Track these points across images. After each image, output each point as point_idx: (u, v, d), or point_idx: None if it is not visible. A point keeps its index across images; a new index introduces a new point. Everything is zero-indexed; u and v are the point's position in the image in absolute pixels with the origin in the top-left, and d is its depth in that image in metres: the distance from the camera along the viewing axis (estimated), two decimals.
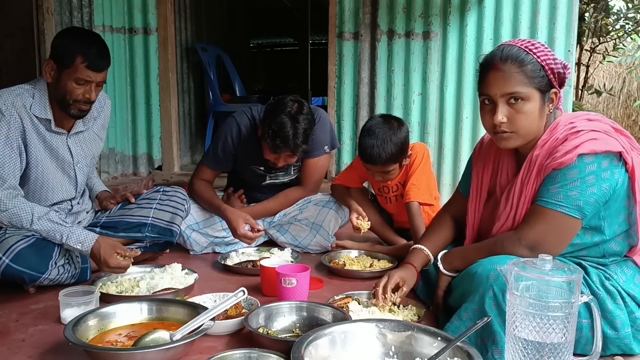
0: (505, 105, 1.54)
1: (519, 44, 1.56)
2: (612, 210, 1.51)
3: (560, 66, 1.54)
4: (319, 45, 8.25)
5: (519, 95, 1.52)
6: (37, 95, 2.02)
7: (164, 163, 4.26)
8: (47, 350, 1.55)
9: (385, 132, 2.33)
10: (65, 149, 2.13)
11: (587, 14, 5.44)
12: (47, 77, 2.00)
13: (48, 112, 2.04)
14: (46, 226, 1.94)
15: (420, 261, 1.83)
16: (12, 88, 2.01)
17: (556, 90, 1.57)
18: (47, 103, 2.04)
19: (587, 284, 1.49)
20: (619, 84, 7.75)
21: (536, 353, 1.20)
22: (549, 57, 1.53)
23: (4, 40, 3.52)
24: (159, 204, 2.34)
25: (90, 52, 1.97)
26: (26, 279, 1.89)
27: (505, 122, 1.54)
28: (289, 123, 2.28)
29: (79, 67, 1.96)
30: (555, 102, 1.58)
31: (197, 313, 1.55)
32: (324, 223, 2.59)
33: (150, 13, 4.08)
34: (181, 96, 4.64)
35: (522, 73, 1.51)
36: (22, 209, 1.93)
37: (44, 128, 2.04)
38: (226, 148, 2.55)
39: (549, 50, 1.56)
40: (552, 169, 1.50)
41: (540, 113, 1.55)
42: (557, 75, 1.54)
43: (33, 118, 2.00)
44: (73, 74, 1.96)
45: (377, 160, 2.35)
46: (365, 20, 3.75)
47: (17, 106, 1.96)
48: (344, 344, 1.39)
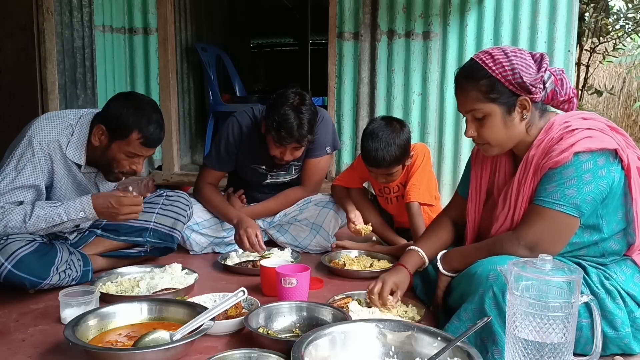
0: (472, 120, 1.62)
1: (481, 56, 1.58)
2: (609, 208, 1.52)
3: (521, 75, 1.52)
4: (319, 45, 8.24)
5: (478, 112, 1.57)
6: (76, 134, 1.98)
7: (164, 163, 4.25)
8: (47, 350, 1.55)
9: (388, 135, 2.33)
10: (92, 185, 2.14)
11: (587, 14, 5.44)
12: (95, 140, 1.96)
13: (82, 159, 2.01)
14: (42, 213, 1.89)
15: (413, 263, 1.82)
16: (56, 122, 1.96)
17: (525, 97, 1.55)
18: (84, 148, 2.00)
19: (586, 284, 1.50)
20: (619, 84, 7.75)
21: (536, 353, 1.20)
22: (506, 68, 1.52)
23: (4, 40, 3.51)
24: (161, 209, 2.34)
25: (149, 130, 1.93)
26: (27, 285, 1.89)
27: (475, 135, 1.62)
28: (292, 114, 2.28)
29: (134, 143, 1.93)
30: (529, 108, 1.57)
31: (197, 313, 1.55)
32: (324, 223, 2.59)
33: (150, 13, 4.08)
34: (181, 96, 4.64)
35: (477, 90, 1.56)
36: (13, 212, 1.90)
37: (75, 168, 2.03)
38: (228, 147, 2.55)
39: (515, 56, 1.54)
40: (548, 168, 1.50)
41: (506, 124, 1.57)
42: (518, 85, 1.53)
43: (66, 158, 1.98)
44: (126, 146, 1.94)
45: (381, 164, 2.35)
46: (365, 20, 3.74)
47: (51, 147, 1.93)
48: (344, 344, 1.39)
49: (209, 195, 2.58)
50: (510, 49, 1.57)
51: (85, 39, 3.76)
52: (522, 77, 1.52)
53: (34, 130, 1.94)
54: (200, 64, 4.81)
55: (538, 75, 1.54)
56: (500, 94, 1.54)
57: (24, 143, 1.93)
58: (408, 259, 1.83)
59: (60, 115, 2.02)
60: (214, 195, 2.59)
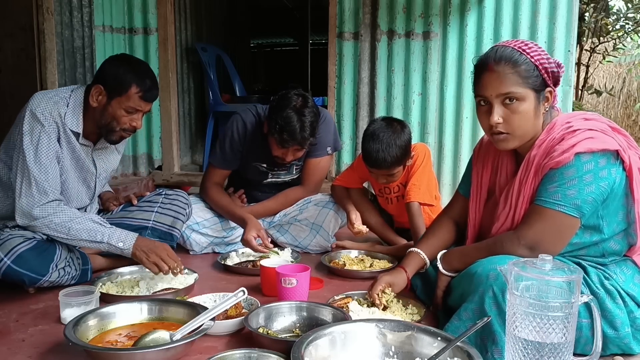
0: (500, 105, 1.55)
1: (513, 45, 1.57)
2: (610, 209, 1.52)
3: (554, 65, 1.56)
4: (319, 45, 8.24)
5: (514, 96, 1.53)
6: (71, 105, 2.01)
7: (164, 163, 4.25)
8: (47, 350, 1.55)
9: (389, 136, 2.33)
10: (90, 161, 2.14)
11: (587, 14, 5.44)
12: (92, 101, 1.99)
13: (80, 126, 2.03)
14: (87, 225, 1.94)
15: (414, 265, 1.83)
16: (51, 94, 2.01)
17: (551, 89, 1.57)
18: (81, 116, 2.03)
19: (586, 284, 1.49)
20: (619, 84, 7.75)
21: (536, 353, 1.20)
22: (542, 56, 1.55)
23: (4, 40, 3.51)
24: (160, 208, 2.34)
25: (145, 83, 1.98)
26: (26, 281, 1.89)
27: (502, 122, 1.55)
28: (295, 117, 2.28)
29: (133, 97, 1.97)
30: (550, 101, 1.59)
31: (197, 313, 1.55)
32: (324, 223, 2.59)
33: (150, 13, 4.08)
34: (181, 96, 4.64)
35: (516, 73, 1.52)
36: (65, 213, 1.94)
37: (74, 139, 2.04)
38: (233, 145, 2.55)
39: (542, 50, 1.58)
40: (549, 169, 1.50)
41: (536, 112, 1.56)
42: (551, 75, 1.55)
43: (66, 128, 2.00)
44: (125, 102, 1.97)
45: (382, 165, 2.35)
46: (365, 20, 3.74)
47: (54, 115, 1.96)
48: (344, 344, 1.39)
49: (216, 196, 2.59)
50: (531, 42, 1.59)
51: (85, 39, 3.76)
52: (556, 67, 1.55)
53: (32, 104, 1.96)
54: (200, 64, 4.81)
55: (562, 69, 1.57)
56: (537, 80, 1.54)
57: (28, 118, 1.94)
58: (409, 262, 1.83)
59: (53, 91, 2.05)
60: (221, 196, 2.59)
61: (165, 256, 1.95)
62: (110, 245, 1.95)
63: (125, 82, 1.96)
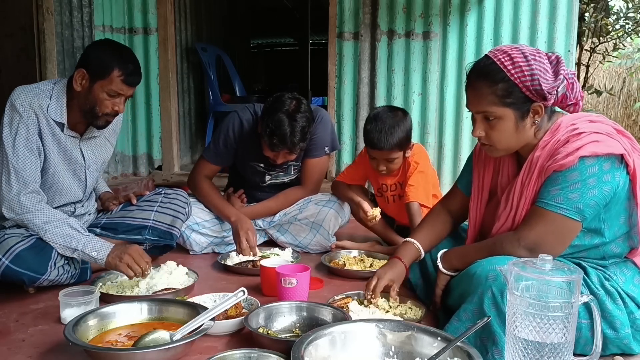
0: (482, 120, 1.58)
1: (500, 57, 1.52)
2: (612, 212, 1.51)
3: (540, 82, 1.48)
4: (319, 45, 8.24)
5: (490, 115, 1.54)
6: (54, 96, 2.02)
7: (163, 163, 4.26)
8: (47, 350, 1.55)
9: (391, 119, 2.37)
10: (78, 152, 2.13)
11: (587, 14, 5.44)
12: (76, 85, 1.99)
13: (64, 116, 2.03)
14: (64, 230, 1.94)
15: (409, 255, 1.83)
16: (31, 87, 2.01)
17: (539, 104, 1.52)
18: (64, 106, 2.03)
19: (586, 284, 1.49)
20: (619, 84, 7.75)
21: (536, 353, 1.20)
22: (525, 73, 1.48)
23: (4, 40, 3.51)
24: (160, 207, 2.34)
25: (127, 67, 1.98)
26: (25, 280, 1.89)
27: (484, 135, 1.59)
28: (286, 121, 2.28)
29: (115, 80, 1.96)
30: (541, 113, 1.54)
31: (197, 313, 1.55)
32: (324, 222, 2.59)
33: (150, 13, 4.08)
34: (181, 96, 4.64)
35: (493, 93, 1.51)
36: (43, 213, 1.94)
37: (59, 130, 2.04)
38: (228, 142, 2.55)
39: (534, 61, 1.49)
40: (553, 171, 1.49)
41: (518, 128, 1.54)
42: (535, 91, 1.49)
43: (49, 119, 2.00)
44: (107, 85, 1.97)
45: (384, 145, 2.36)
46: (365, 20, 3.75)
47: (34, 106, 1.96)
48: (344, 344, 1.39)
49: (207, 190, 2.59)
50: (529, 51, 1.52)
51: (85, 39, 3.76)
52: (540, 84, 1.48)
53: (13, 97, 1.97)
54: (200, 64, 4.81)
55: (555, 83, 1.50)
56: (516, 99, 1.50)
57: (7, 110, 1.95)
58: (404, 252, 1.83)
59: (35, 85, 2.05)
60: (212, 191, 2.60)
61: (138, 257, 1.93)
62: (84, 254, 1.93)
63: (108, 66, 1.96)
